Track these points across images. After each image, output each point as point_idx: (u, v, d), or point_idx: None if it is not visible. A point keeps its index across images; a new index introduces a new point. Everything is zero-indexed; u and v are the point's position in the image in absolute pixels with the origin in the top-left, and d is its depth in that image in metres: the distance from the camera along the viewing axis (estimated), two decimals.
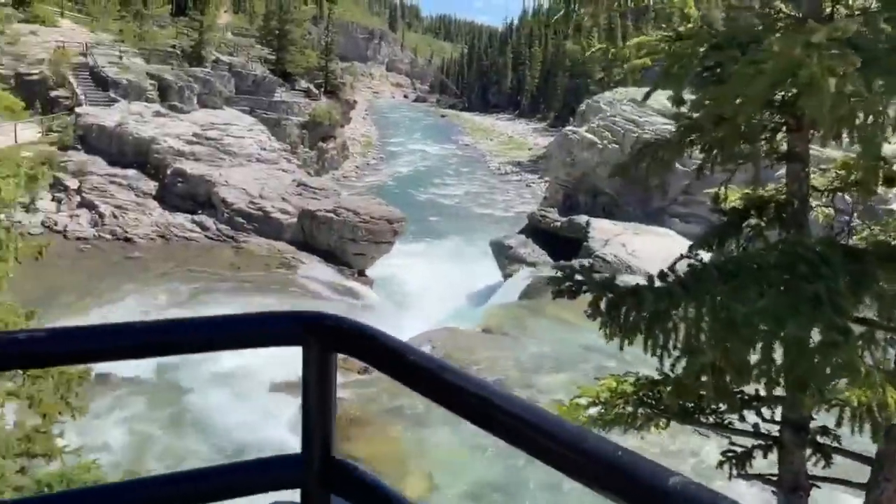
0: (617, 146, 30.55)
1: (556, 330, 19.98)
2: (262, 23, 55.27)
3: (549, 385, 16.54)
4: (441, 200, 46.72)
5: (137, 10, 42.94)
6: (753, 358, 2.78)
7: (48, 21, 38.43)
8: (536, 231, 30.05)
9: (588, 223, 27.99)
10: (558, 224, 29.31)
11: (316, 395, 1.43)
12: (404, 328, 20.82)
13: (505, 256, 28.14)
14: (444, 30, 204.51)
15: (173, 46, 41.73)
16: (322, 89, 50.62)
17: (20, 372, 4.96)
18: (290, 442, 14.66)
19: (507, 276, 27.10)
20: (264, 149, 34.11)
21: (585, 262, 25.83)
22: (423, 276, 27.00)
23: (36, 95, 32.64)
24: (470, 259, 30.30)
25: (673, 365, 3.29)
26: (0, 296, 5.83)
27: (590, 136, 31.06)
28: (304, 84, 49.05)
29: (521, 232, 30.82)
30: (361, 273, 26.62)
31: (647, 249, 26.66)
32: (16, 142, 28.21)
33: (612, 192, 30.84)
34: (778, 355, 2.87)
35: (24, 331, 1.18)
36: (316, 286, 24.26)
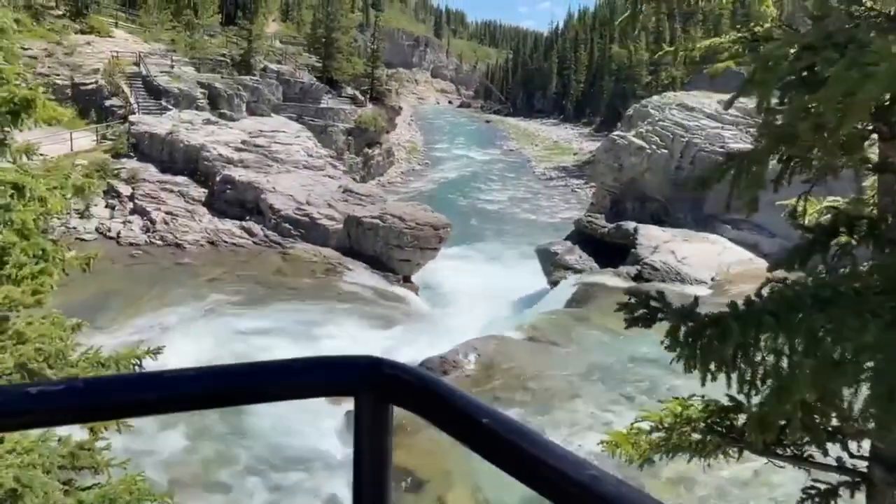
0: (666, 151, 29.93)
1: (604, 339, 19.55)
2: (310, 31, 55.98)
3: (597, 397, 16.16)
4: (486, 206, 46.50)
5: (189, 20, 43.86)
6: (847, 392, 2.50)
7: (103, 32, 39.51)
8: (583, 237, 29.60)
9: (636, 229, 27.45)
10: (605, 230, 28.81)
11: (369, 450, 1.22)
12: (448, 335, 20.69)
13: (550, 263, 27.77)
14: (489, 35, 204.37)
15: (223, 55, 42.50)
16: (368, 96, 50.96)
17: None
18: (335, 451, 14.63)
19: (552, 283, 26.73)
20: (311, 155, 34.41)
21: (633, 268, 25.34)
22: (468, 282, 26.81)
23: (91, 104, 33.60)
24: (515, 265, 30.00)
25: (749, 392, 3.01)
26: (51, 303, 5.82)
27: (638, 141, 30.48)
28: (350, 91, 49.44)
29: (567, 238, 30.40)
30: (407, 279, 26.57)
31: (697, 257, 26.03)
32: (72, 150, 29.02)
33: (660, 197, 30.21)
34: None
35: (55, 382, 0.97)
36: (361, 292, 24.26)
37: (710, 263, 25.64)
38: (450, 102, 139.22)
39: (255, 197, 28.62)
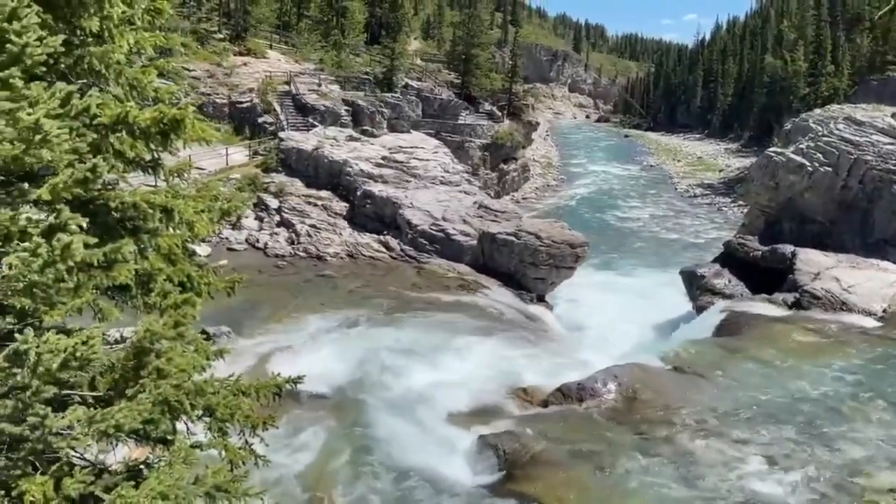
0: (830, 169, 27.36)
1: (759, 373, 17.92)
2: (450, 48, 56.81)
3: (752, 438, 14.71)
4: (624, 224, 44.84)
5: (336, 41, 45.72)
6: None
7: (259, 53, 41.99)
8: (732, 260, 27.56)
9: (794, 253, 25.21)
10: (759, 253, 26.68)
11: None
12: (585, 359, 19.80)
13: (696, 287, 26.07)
14: (629, 48, 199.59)
15: (367, 73, 43.90)
16: (505, 111, 50.85)
17: (207, 419, 4.87)
18: (463, 476, 14.21)
19: (698, 308, 25.06)
20: (447, 171, 34.59)
21: (791, 296, 23.25)
22: (606, 304, 25.75)
23: (246, 121, 35.70)
24: (656, 288, 28.49)
25: None
26: (199, 316, 5.77)
27: (798, 157, 28.07)
28: (487, 106, 49.54)
29: (714, 260, 28.47)
30: (541, 298, 25.88)
31: (866, 285, 23.52)
32: (227, 164, 30.87)
33: (823, 219, 27.63)
34: None
35: None
36: (495, 310, 23.84)
37: (881, 293, 23.09)
38: (587, 117, 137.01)
39: (393, 212, 29.05)
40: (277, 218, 29.23)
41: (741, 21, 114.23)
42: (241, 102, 36.16)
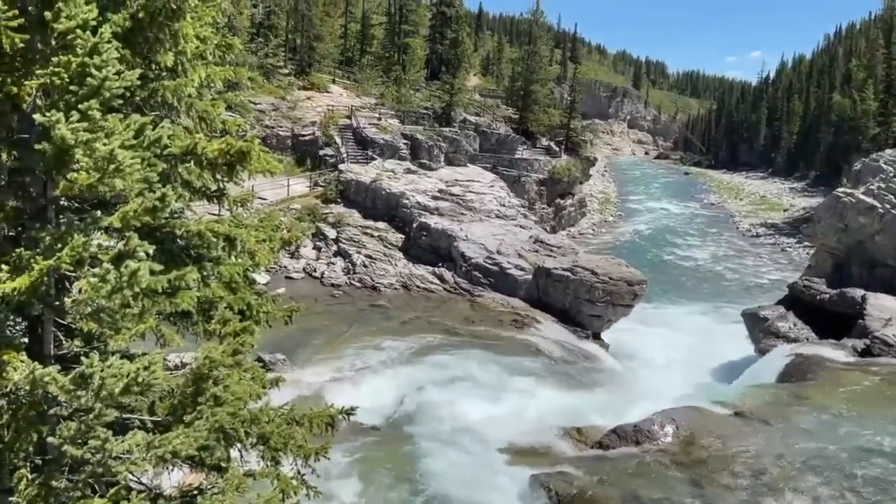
0: None
1: (827, 422, 17.06)
2: (508, 84, 57.29)
3: (819, 490, 13.96)
4: (683, 262, 43.89)
5: (397, 76, 46.64)
6: None
7: (322, 87, 43.14)
8: (797, 302, 26.57)
9: (864, 298, 24.16)
10: (826, 297, 25.65)
11: None
12: (642, 401, 19.27)
13: (759, 329, 25.18)
14: (690, 85, 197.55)
15: (426, 108, 44.55)
16: (563, 147, 50.77)
17: (261, 448, 4.89)
18: None
19: (761, 351, 24.15)
20: (503, 205, 34.62)
21: (860, 342, 22.25)
22: (664, 344, 25.12)
23: (308, 153, 36.56)
24: (717, 329, 27.66)
25: None
26: (257, 345, 5.83)
27: (868, 199, 27.09)
28: (545, 142, 49.58)
29: (778, 302, 27.52)
30: (597, 336, 25.42)
31: None
32: (288, 195, 31.59)
33: (894, 263, 26.48)
34: None
35: None
36: (549, 347, 23.50)
37: None
38: (646, 153, 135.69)
39: (449, 244, 29.14)
40: (335, 248, 29.67)
41: (807, 59, 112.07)
42: (304, 135, 37.09)
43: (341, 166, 34.54)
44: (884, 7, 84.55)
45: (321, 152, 36.73)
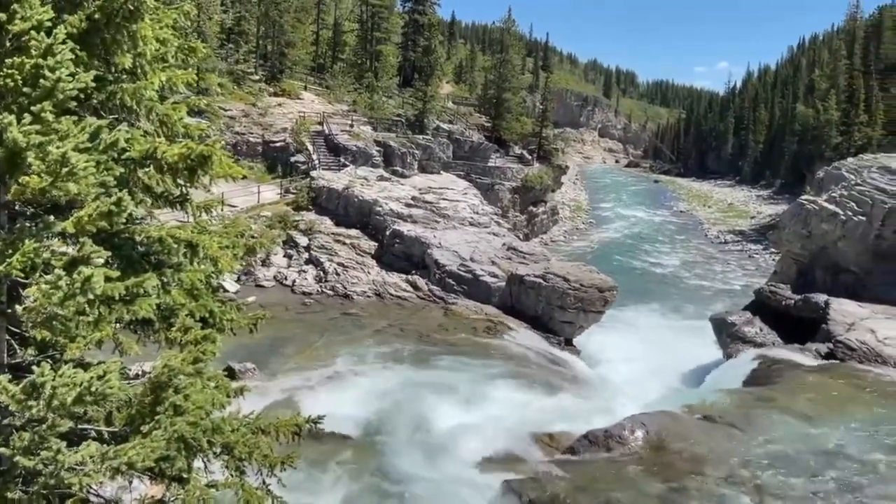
0: (864, 218, 26.84)
1: (792, 425, 17.31)
2: (481, 92, 57.55)
3: (784, 493, 14.15)
4: (653, 269, 44.37)
5: (369, 83, 46.59)
6: None
7: (293, 94, 42.91)
8: (764, 308, 26.98)
9: (827, 303, 24.62)
10: (791, 302, 26.09)
11: None
12: (612, 406, 19.40)
13: (727, 334, 25.52)
14: (660, 95, 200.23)
15: (399, 115, 44.54)
16: (535, 155, 51.09)
17: (225, 458, 4.79)
18: None
19: (728, 356, 24.49)
20: (477, 212, 34.69)
21: (824, 346, 22.64)
22: (634, 349, 25.32)
23: (279, 160, 36.31)
24: (685, 335, 27.98)
25: None
26: (222, 355, 5.73)
27: (830, 206, 27.63)
28: (517, 150, 49.86)
29: (745, 308, 27.92)
30: (569, 342, 25.53)
31: None
32: (258, 202, 31.31)
33: (856, 269, 27.01)
34: None
35: None
36: (522, 353, 23.54)
37: None
38: (616, 161, 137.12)
39: (422, 252, 29.09)
40: (306, 255, 29.44)
41: (772, 69, 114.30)
42: (275, 142, 36.84)
43: (313, 173, 34.34)
44: (846, 19, 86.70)
45: (292, 159, 36.50)
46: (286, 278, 27.85)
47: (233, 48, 40.94)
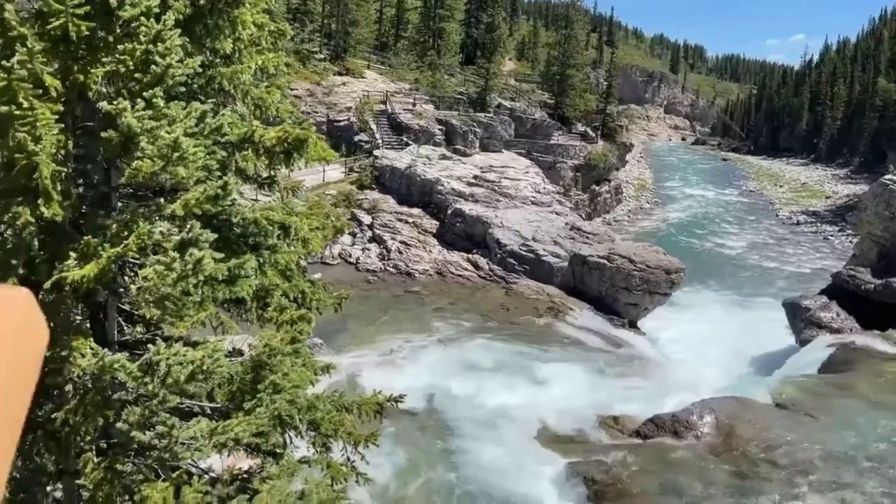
0: None
1: (870, 414, 16.68)
2: (544, 68, 56.73)
3: (864, 486, 13.69)
4: (721, 250, 43.18)
5: (432, 61, 46.44)
6: None
7: (357, 73, 43.13)
8: (841, 292, 25.94)
9: None
10: (871, 286, 25.01)
11: None
12: (679, 391, 19.07)
13: (801, 319, 24.66)
14: (730, 70, 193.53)
15: (461, 93, 44.32)
16: (599, 132, 50.20)
17: (312, 434, 4.92)
18: (550, 502, 13.86)
19: (802, 342, 23.68)
20: (538, 191, 34.36)
21: None
22: (701, 333, 24.74)
23: (343, 139, 36.64)
24: (756, 319, 27.15)
25: None
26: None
27: None
28: (580, 127, 49.05)
29: (821, 292, 26.91)
30: (633, 324, 25.17)
31: None
32: (323, 180, 31.75)
33: None
34: None
35: None
36: (584, 335, 23.36)
37: None
38: (683, 139, 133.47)
39: (483, 231, 29.04)
40: (369, 234, 29.76)
41: (852, 42, 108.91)
42: (339, 121, 37.17)
43: (376, 152, 34.57)
44: None
45: (356, 138, 36.78)
46: (350, 256, 28.24)
47: (298, 27, 41.32)
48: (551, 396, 18.04)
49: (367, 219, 30.40)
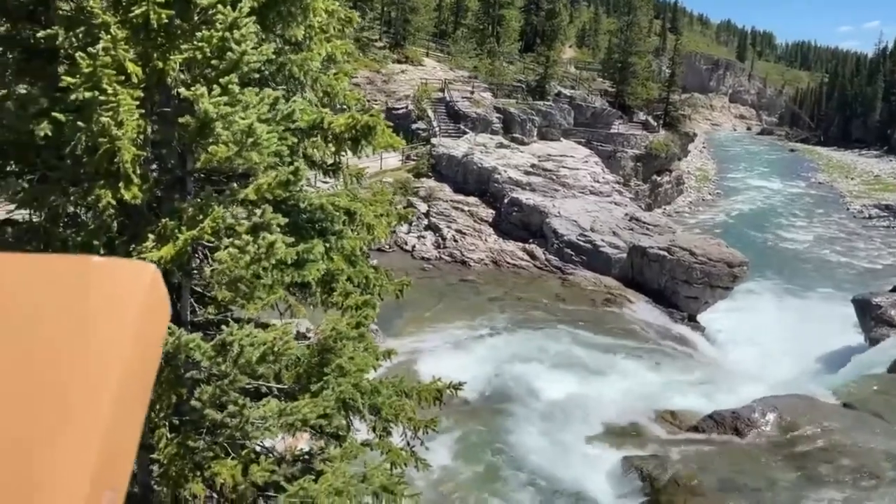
0: None
1: None
2: (605, 56, 55.76)
3: None
4: (786, 244, 41.81)
5: (491, 48, 46.18)
6: None
7: (416, 61, 43.23)
8: None
9: None
10: None
11: None
12: (740, 387, 18.60)
13: (871, 317, 23.69)
14: (800, 57, 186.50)
15: (520, 81, 43.97)
16: (661, 121, 49.13)
17: (372, 418, 4.98)
18: (603, 497, 13.73)
19: (872, 340, 22.76)
20: (597, 181, 33.87)
21: None
22: (764, 329, 24.05)
23: (400, 127, 36.77)
24: (822, 316, 26.21)
25: None
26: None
27: None
28: (642, 116, 48.10)
29: (893, 289, 25.82)
30: (692, 318, 24.63)
31: None
32: (381, 168, 32.00)
33: None
34: None
35: None
36: (642, 328, 22.98)
37: None
38: (748, 129, 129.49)
39: (540, 220, 28.81)
40: (425, 222, 29.86)
41: None
42: (397, 109, 37.33)
43: (433, 140, 34.61)
44: None
45: (414, 126, 36.89)
46: (406, 243, 28.40)
47: (359, 15, 41.63)
48: (607, 389, 17.84)
49: (423, 207, 30.51)
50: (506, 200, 30.18)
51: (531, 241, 28.59)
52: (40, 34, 4.10)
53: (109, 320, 0.47)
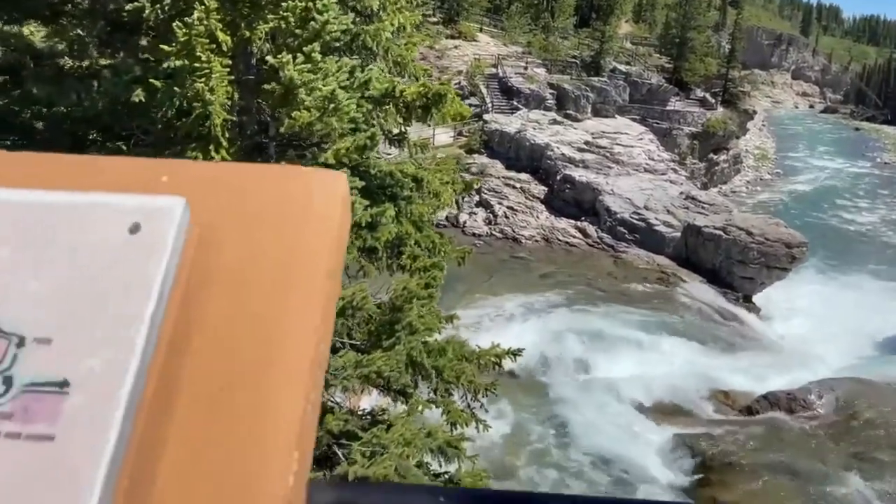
0: None
1: None
2: (662, 31, 54.48)
3: None
4: (849, 226, 40.52)
5: (545, 23, 45.60)
6: None
7: (469, 36, 43.01)
8: None
9: None
10: None
11: None
12: (796, 369, 18.32)
13: None
14: (868, 32, 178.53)
15: (574, 57, 43.36)
16: (719, 98, 47.90)
17: (434, 379, 5.17)
18: (655, 472, 13.77)
19: None
20: (652, 158, 33.34)
21: None
22: (822, 311, 23.55)
23: None
24: (884, 299, 25.51)
25: None
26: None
27: None
28: (699, 93, 46.98)
29: None
30: (747, 299, 24.21)
31: None
32: (433, 144, 32.12)
33: None
34: None
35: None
36: (696, 308, 22.71)
37: None
38: (811, 107, 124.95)
39: (593, 198, 28.59)
40: (477, 198, 29.92)
41: None
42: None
43: (486, 116, 34.51)
44: None
45: (466, 102, 36.79)
46: (457, 219, 28.55)
47: None
48: (659, 367, 17.79)
49: (474, 183, 30.56)
50: (558, 177, 29.99)
51: (583, 218, 28.42)
52: (128, 7, 4.35)
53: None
